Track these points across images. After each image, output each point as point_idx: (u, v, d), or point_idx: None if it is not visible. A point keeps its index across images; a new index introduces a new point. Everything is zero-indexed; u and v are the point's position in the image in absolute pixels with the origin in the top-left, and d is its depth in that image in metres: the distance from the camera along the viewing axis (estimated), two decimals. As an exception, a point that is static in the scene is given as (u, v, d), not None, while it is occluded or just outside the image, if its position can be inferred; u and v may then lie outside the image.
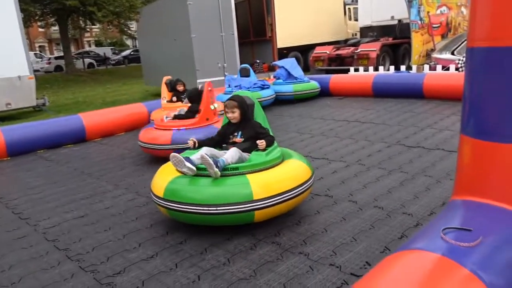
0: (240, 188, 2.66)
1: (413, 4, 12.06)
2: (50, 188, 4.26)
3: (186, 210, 2.68)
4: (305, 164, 3.07)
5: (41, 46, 41.21)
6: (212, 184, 2.70)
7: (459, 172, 2.09)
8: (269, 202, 2.69)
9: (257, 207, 2.66)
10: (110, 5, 21.03)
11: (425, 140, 4.80)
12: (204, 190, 2.68)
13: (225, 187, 2.68)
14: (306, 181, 2.92)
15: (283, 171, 2.90)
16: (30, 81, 10.07)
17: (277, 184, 2.75)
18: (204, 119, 4.86)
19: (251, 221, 2.75)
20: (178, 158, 2.76)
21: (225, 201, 2.61)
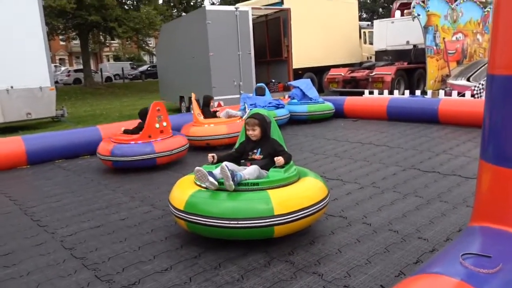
0: (261, 203, 2.70)
1: (429, 30, 12.15)
2: (68, 197, 4.34)
3: (207, 223, 2.72)
4: (321, 183, 3.12)
5: (61, 59, 42.35)
6: (233, 198, 2.75)
7: (478, 198, 2.09)
8: (289, 218, 2.72)
9: (277, 222, 2.70)
10: (130, 21, 21.66)
11: (440, 165, 4.79)
12: (226, 204, 2.73)
13: (246, 201, 2.72)
14: (323, 198, 2.97)
15: (301, 188, 2.94)
16: (51, 92, 10.35)
17: (296, 201, 2.80)
18: (146, 136, 5.26)
19: (270, 236, 2.78)
20: (202, 172, 2.82)
21: (246, 216, 2.65)
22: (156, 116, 5.31)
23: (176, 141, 5.49)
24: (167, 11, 26.63)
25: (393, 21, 14.83)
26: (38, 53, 9.95)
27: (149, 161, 5.17)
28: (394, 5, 16.18)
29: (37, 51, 9.92)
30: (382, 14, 39.91)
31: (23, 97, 9.83)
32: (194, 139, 6.34)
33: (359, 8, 23.70)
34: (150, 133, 5.28)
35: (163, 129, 5.39)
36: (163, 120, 5.39)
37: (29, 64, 9.78)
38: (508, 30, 1.86)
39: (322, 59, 15.54)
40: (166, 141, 5.36)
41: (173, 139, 5.50)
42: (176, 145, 5.43)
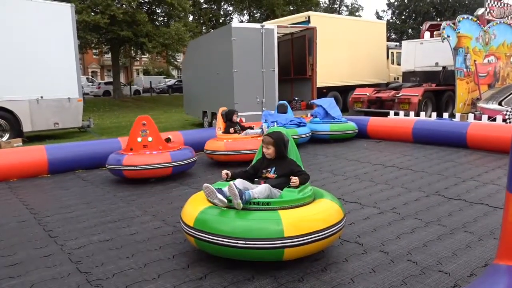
0: (272, 223, 2.61)
1: (459, 51, 11.86)
2: (82, 209, 4.34)
3: (215, 242, 2.65)
4: (337, 205, 2.99)
5: (93, 71, 43.87)
6: (242, 217, 2.68)
7: (504, 233, 1.91)
8: (300, 241, 2.61)
9: (288, 244, 2.59)
10: (160, 37, 22.25)
11: (467, 192, 4.53)
12: (234, 223, 2.65)
13: (255, 221, 2.64)
14: (338, 222, 2.85)
15: (315, 210, 2.84)
16: (79, 104, 10.63)
17: (309, 223, 2.70)
18: (128, 149, 5.40)
19: (280, 258, 2.66)
20: (210, 189, 2.77)
21: (255, 236, 2.56)
22: (140, 130, 5.35)
23: (154, 158, 5.30)
24: (196, 28, 27.24)
25: (422, 42, 14.58)
26: (69, 65, 10.28)
27: (116, 171, 5.37)
28: (423, 26, 15.97)
29: (68, 64, 10.26)
30: (411, 35, 39.50)
31: (51, 107, 10.14)
32: (213, 154, 6.33)
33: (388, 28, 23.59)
34: (132, 146, 5.37)
35: (148, 144, 5.34)
36: (148, 135, 5.34)
37: (59, 75, 10.11)
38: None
39: (347, 78, 15.40)
40: (140, 156, 5.28)
41: (154, 155, 5.33)
42: (150, 161, 5.24)
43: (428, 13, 40.23)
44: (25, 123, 9.83)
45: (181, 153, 5.57)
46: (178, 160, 5.42)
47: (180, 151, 5.64)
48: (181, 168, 5.51)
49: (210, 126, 11.30)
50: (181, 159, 5.48)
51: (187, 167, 5.68)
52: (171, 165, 5.34)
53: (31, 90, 9.78)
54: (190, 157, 5.67)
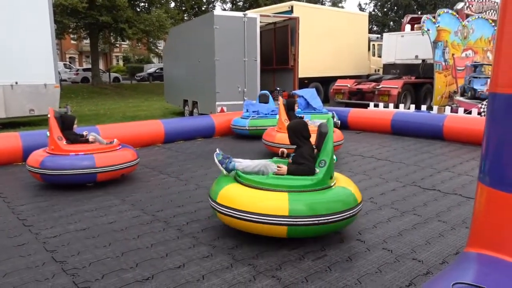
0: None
1: (438, 45, 12.05)
2: (58, 197, 4.25)
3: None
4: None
5: (71, 57, 42.66)
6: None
7: (475, 222, 1.97)
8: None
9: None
10: (141, 23, 21.77)
11: (442, 183, 4.65)
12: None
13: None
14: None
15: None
16: (55, 90, 10.34)
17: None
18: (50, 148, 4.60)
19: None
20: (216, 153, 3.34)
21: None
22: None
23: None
24: (178, 15, 26.75)
25: (403, 34, 14.74)
26: (45, 50, 9.95)
27: None
28: (404, 19, 16.12)
29: (44, 48, 9.93)
30: (392, 27, 39.88)
31: (27, 93, 9.82)
32: (272, 145, 6.04)
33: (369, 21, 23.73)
34: (53, 145, 4.61)
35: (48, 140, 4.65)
36: (48, 131, 4.65)
37: (35, 60, 9.78)
38: (510, 48, 1.75)
39: (329, 69, 15.47)
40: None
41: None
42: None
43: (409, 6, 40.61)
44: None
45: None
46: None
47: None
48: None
49: (191, 114, 11.19)
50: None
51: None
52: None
53: (5, 75, 9.43)
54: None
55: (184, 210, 3.81)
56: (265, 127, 7.66)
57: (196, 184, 4.72)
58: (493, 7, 14.56)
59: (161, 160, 6.11)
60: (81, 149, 4.60)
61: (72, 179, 4.44)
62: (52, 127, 4.58)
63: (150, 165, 5.68)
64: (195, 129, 7.96)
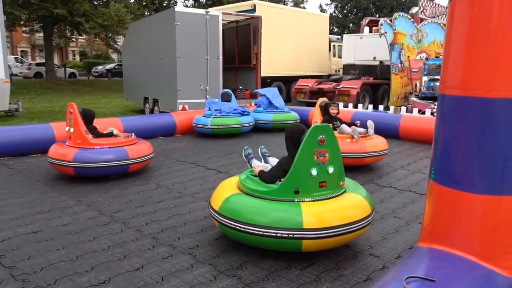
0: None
1: (395, 47, 12.51)
2: (7, 199, 4.02)
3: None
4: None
5: (23, 51, 40.43)
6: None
7: (426, 218, 2.06)
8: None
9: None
10: (98, 18, 21.02)
11: (397, 180, 4.83)
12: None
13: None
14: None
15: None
16: (5, 85, 9.77)
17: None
18: (75, 142, 4.70)
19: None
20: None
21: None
22: (68, 118, 4.83)
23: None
24: (138, 10, 26.07)
25: (362, 36, 15.19)
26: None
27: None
28: (363, 21, 16.61)
29: (-8, 41, 9.36)
30: (352, 29, 41.00)
31: (-27, 88, 9.22)
32: None
33: (330, 22, 24.22)
34: (69, 134, 4.82)
35: (71, 134, 4.73)
36: (72, 126, 4.71)
37: (-18, 53, 9.20)
38: (458, 52, 1.85)
39: (291, 69, 15.66)
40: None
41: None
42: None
43: (368, 9, 41.95)
44: None
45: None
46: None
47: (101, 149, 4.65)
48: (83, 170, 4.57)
49: (151, 112, 10.95)
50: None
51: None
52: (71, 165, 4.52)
53: None
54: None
55: (143, 211, 3.71)
56: (227, 126, 7.64)
57: (156, 184, 4.62)
58: (445, 12, 15.31)
59: (119, 159, 5.92)
60: (107, 143, 4.76)
61: (106, 171, 4.65)
62: (78, 121, 4.69)
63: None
64: (156, 127, 7.79)
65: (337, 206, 2.75)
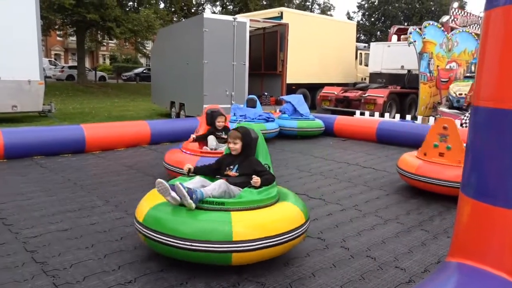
0: (220, 225, 2.46)
1: (424, 56, 12.28)
2: (40, 196, 4.17)
3: (161, 241, 2.51)
4: (299, 209, 2.83)
5: (57, 54, 41.95)
6: (191, 216, 2.52)
7: (457, 232, 2.01)
8: (250, 246, 2.46)
9: (236, 249, 2.44)
10: (129, 23, 21.59)
11: (424, 192, 4.72)
12: (182, 222, 2.50)
13: (203, 222, 2.49)
14: (297, 228, 2.68)
15: (272, 213, 2.69)
16: (39, 87, 10.15)
17: (261, 227, 2.54)
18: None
19: (228, 263, 2.54)
20: (163, 185, 2.57)
21: (202, 238, 2.42)
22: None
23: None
24: (167, 16, 26.63)
25: (390, 45, 14.99)
26: (30, 46, 9.76)
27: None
28: (391, 29, 16.41)
29: (30, 44, 9.74)
30: (379, 37, 40.52)
31: (10, 89, 9.62)
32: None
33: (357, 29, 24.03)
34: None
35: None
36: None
37: (19, 56, 9.59)
38: (492, 62, 1.81)
39: (316, 76, 15.61)
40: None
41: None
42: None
43: (396, 17, 41.40)
44: (-20, 104, 9.29)
45: None
46: None
47: None
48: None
49: (178, 116, 11.13)
50: None
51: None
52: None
53: (-12, 70, 9.24)
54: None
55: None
56: (252, 132, 7.67)
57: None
58: (476, 22, 14.94)
59: (146, 161, 6.05)
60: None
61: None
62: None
63: (135, 167, 5.63)
64: (182, 131, 7.90)
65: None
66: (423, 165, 4.46)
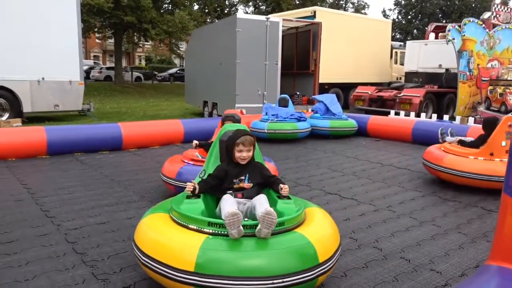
0: (302, 249, 2.10)
1: (463, 55, 11.83)
2: (80, 191, 4.36)
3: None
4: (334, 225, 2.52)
5: (95, 56, 43.64)
6: (259, 247, 2.03)
7: (498, 234, 1.93)
8: (331, 264, 2.23)
9: (322, 271, 2.13)
10: (164, 24, 22.12)
11: (462, 194, 4.55)
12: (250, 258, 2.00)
13: (282, 250, 2.04)
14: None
15: (328, 226, 2.43)
16: (80, 87, 10.59)
17: (333, 242, 2.31)
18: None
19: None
20: (239, 216, 2.02)
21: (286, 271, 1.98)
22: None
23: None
24: (201, 17, 27.07)
25: (427, 43, 14.55)
26: (72, 48, 10.22)
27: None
28: (429, 27, 15.89)
29: (71, 46, 10.20)
30: (416, 35, 39.36)
31: (52, 89, 10.10)
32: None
33: (393, 28, 23.49)
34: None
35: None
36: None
37: (61, 58, 10.05)
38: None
39: (350, 75, 15.38)
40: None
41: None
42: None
43: (434, 15, 40.06)
44: (25, 103, 9.80)
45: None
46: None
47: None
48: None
49: (210, 116, 11.29)
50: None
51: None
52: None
53: (33, 71, 9.74)
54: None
55: (202, 210, 3.83)
56: (283, 131, 7.68)
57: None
58: (522, 18, 14.22)
59: (179, 159, 6.17)
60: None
61: None
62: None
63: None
64: (214, 130, 8.01)
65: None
66: (494, 165, 4.35)
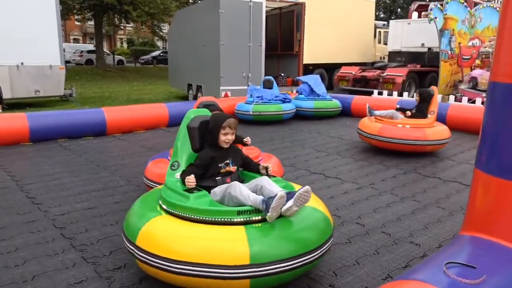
0: (324, 222, 2.29)
1: (445, 33, 11.95)
2: (65, 177, 4.35)
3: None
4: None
5: (75, 39, 42.47)
6: (294, 225, 2.14)
7: (470, 207, 2.04)
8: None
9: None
10: (145, 6, 21.61)
11: (442, 171, 4.71)
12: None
13: (311, 224, 2.22)
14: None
15: (320, 201, 2.52)
16: (61, 71, 10.38)
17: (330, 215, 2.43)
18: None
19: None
20: (284, 198, 2.05)
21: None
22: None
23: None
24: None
25: (410, 22, 14.60)
26: (50, 31, 9.96)
27: None
28: (412, 6, 15.93)
29: (50, 29, 9.94)
30: (400, 14, 39.36)
31: (32, 74, 9.88)
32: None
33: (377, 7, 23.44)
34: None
35: None
36: None
37: (40, 41, 9.81)
38: None
39: (334, 56, 15.40)
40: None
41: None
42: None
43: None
44: (5, 90, 9.58)
45: None
46: None
47: None
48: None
49: (194, 99, 11.24)
50: None
51: None
52: None
53: (11, 56, 9.48)
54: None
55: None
56: (268, 113, 7.72)
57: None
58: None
59: (165, 143, 6.18)
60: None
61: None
62: None
63: (154, 148, 5.77)
64: (199, 113, 8.01)
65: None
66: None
